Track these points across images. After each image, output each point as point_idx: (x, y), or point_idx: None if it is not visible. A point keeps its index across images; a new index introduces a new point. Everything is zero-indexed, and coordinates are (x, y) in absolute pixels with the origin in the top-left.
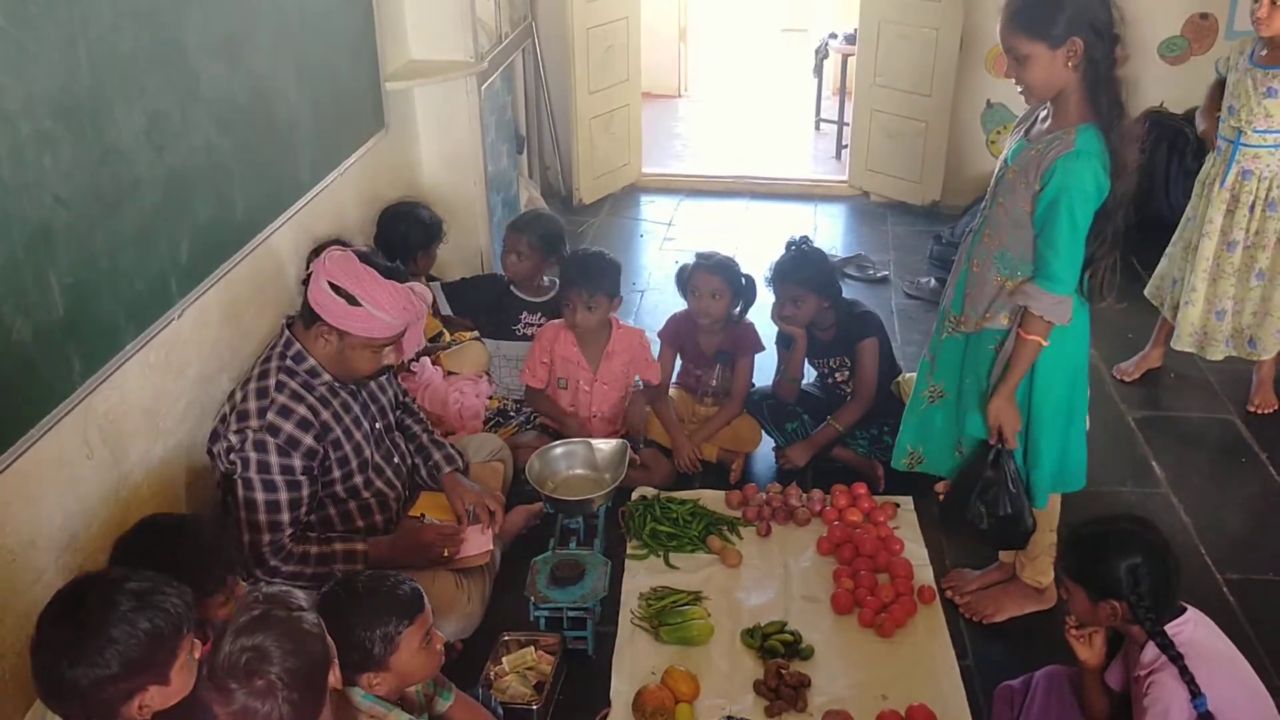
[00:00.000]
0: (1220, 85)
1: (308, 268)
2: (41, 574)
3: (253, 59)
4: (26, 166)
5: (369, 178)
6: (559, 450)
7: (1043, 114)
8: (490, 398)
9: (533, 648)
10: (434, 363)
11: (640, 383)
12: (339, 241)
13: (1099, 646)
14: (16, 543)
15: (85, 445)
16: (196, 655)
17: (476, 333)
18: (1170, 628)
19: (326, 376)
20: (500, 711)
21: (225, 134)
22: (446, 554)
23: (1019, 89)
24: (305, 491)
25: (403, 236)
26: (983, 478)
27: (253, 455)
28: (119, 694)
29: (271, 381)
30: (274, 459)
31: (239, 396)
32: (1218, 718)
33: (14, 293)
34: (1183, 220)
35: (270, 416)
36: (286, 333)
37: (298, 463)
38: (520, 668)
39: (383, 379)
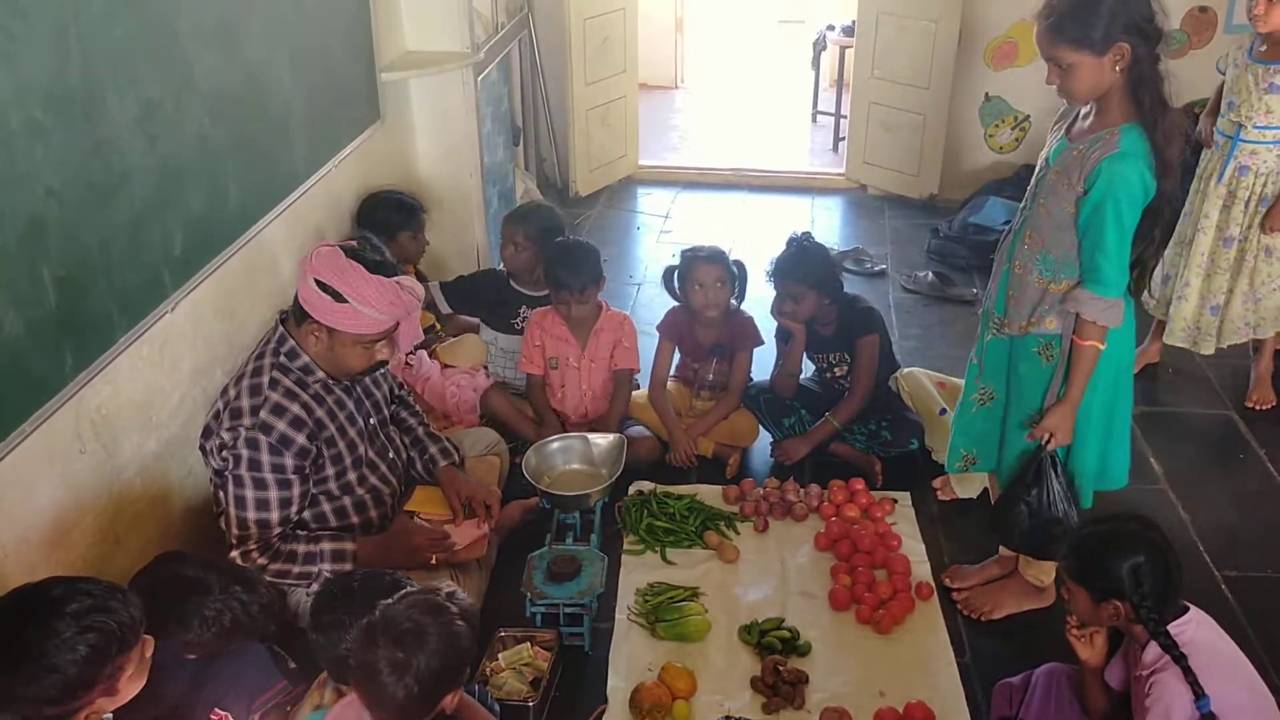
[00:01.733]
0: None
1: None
2: (34, 570)
3: (246, 48)
4: (17, 158)
5: (364, 169)
6: (555, 445)
7: (1084, 111)
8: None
9: (529, 644)
10: (431, 356)
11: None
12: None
13: (1100, 646)
14: (9, 538)
15: (78, 440)
16: (148, 654)
17: (477, 321)
18: (1173, 627)
19: (320, 374)
20: (496, 708)
21: (219, 124)
22: (435, 560)
23: (1060, 95)
24: (296, 490)
25: (384, 221)
26: (1024, 479)
27: (244, 453)
28: (65, 712)
29: (265, 379)
30: (265, 457)
31: (232, 393)
32: (1220, 718)
33: (5, 286)
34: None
35: (263, 415)
36: (280, 329)
37: (289, 461)
38: (516, 664)
39: (377, 374)
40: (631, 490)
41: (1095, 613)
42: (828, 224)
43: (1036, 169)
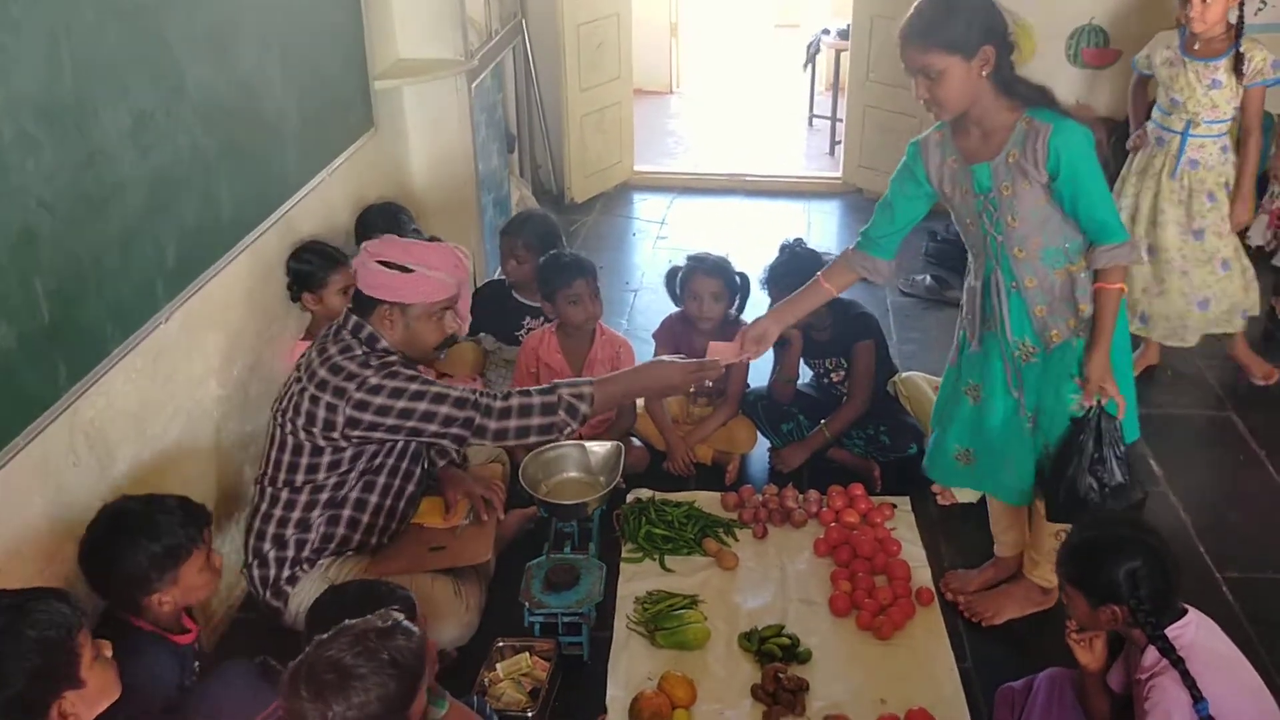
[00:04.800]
0: (1141, 83)
1: (287, 272)
2: (28, 584)
3: (238, 58)
4: (9, 170)
5: (358, 178)
6: (552, 453)
7: (959, 140)
8: None
9: (528, 653)
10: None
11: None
12: (316, 240)
13: (1100, 651)
14: (2, 552)
15: (71, 453)
16: (108, 654)
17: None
18: (1171, 631)
19: (396, 355)
20: (495, 719)
21: (211, 134)
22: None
23: (930, 109)
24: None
25: (365, 224)
26: (1086, 452)
27: (388, 384)
28: (34, 705)
29: (358, 351)
30: (405, 373)
31: (326, 372)
32: None
33: None
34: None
35: (374, 361)
36: (354, 318)
37: (418, 375)
38: (515, 674)
39: None
40: (630, 498)
41: (1093, 617)
42: (824, 228)
43: (968, 205)
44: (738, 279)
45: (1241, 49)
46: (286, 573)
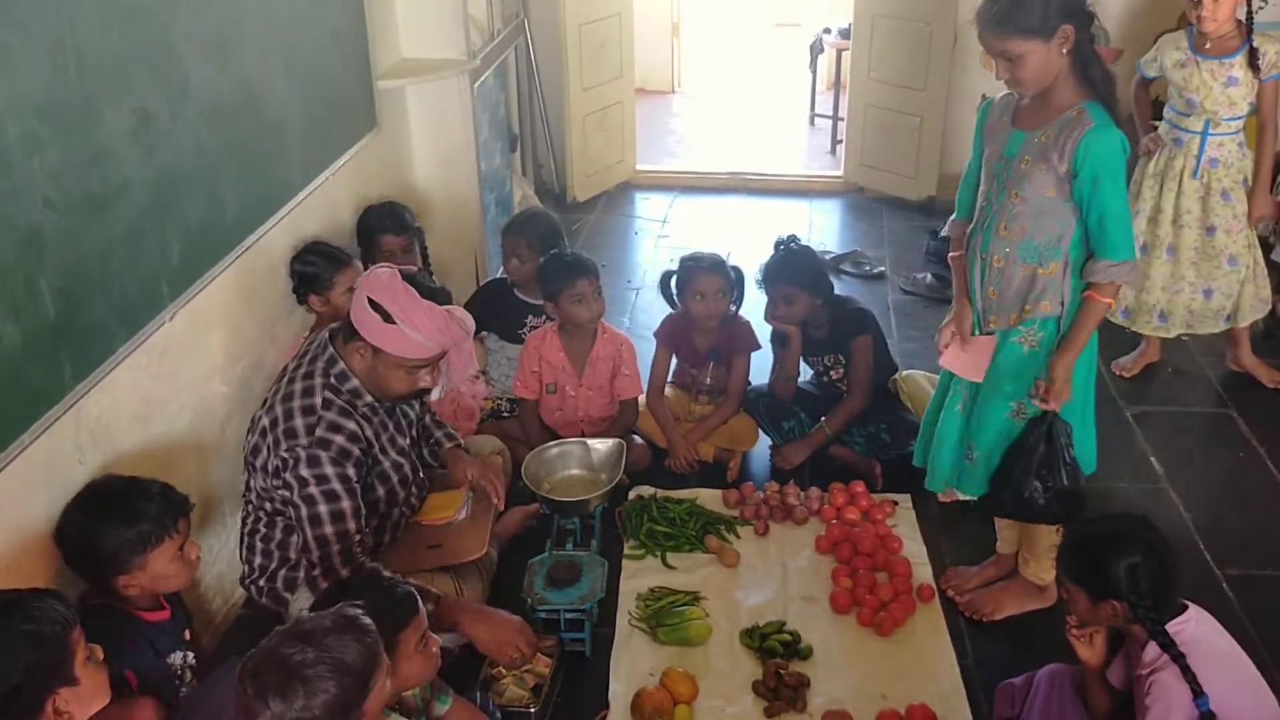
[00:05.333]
0: (1144, 85)
1: (291, 275)
2: (33, 582)
3: (242, 58)
4: (14, 169)
5: (361, 177)
6: (555, 451)
7: (1024, 101)
8: (485, 399)
9: None
10: None
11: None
12: (319, 241)
13: (1100, 646)
14: (8, 549)
15: (77, 450)
16: (99, 657)
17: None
18: (1171, 626)
19: (368, 397)
20: (498, 715)
21: (215, 134)
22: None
23: (1012, 88)
24: (360, 500)
25: (369, 225)
26: (1035, 454)
27: (308, 472)
28: (29, 701)
29: (318, 399)
30: (329, 470)
31: (280, 412)
32: (1220, 717)
33: (3, 297)
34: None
35: (320, 432)
36: (330, 349)
37: (351, 472)
38: (518, 670)
39: None
40: (631, 495)
41: (1094, 613)
42: (826, 227)
43: (991, 165)
44: (732, 274)
45: (1255, 44)
46: (282, 583)
